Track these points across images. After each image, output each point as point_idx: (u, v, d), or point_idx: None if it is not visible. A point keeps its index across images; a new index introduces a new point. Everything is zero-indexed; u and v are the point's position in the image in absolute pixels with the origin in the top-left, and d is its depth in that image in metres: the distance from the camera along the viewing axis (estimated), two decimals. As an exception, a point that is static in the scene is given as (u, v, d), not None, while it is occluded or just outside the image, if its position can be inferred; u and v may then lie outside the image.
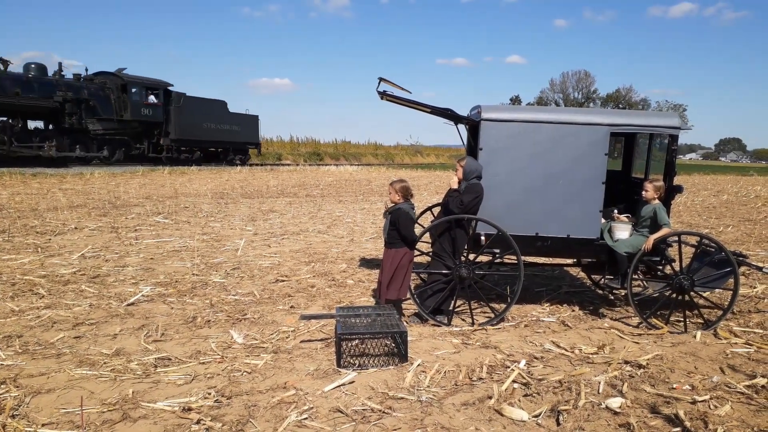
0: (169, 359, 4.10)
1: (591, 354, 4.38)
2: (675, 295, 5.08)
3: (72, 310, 5.22)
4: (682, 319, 5.07)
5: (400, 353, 4.14)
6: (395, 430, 3.14)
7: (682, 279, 4.99)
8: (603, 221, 5.33)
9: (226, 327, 4.86)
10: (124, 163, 29.00)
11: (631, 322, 5.31)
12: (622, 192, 6.17)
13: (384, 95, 5.30)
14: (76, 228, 9.82)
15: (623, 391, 3.66)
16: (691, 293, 5.07)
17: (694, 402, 3.52)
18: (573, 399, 3.51)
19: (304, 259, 7.78)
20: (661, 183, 5.21)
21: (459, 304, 5.33)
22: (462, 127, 5.67)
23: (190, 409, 3.30)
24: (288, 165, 41.07)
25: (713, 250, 5.38)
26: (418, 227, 5.04)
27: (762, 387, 3.78)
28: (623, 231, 5.28)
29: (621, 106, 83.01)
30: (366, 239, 9.71)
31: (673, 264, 5.20)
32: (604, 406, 3.44)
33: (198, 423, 3.15)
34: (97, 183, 19.21)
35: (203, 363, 4.05)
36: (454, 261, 5.04)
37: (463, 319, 5.25)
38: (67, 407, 3.31)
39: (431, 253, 5.34)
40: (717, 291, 5.82)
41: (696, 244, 5.30)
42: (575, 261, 6.03)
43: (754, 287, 6.57)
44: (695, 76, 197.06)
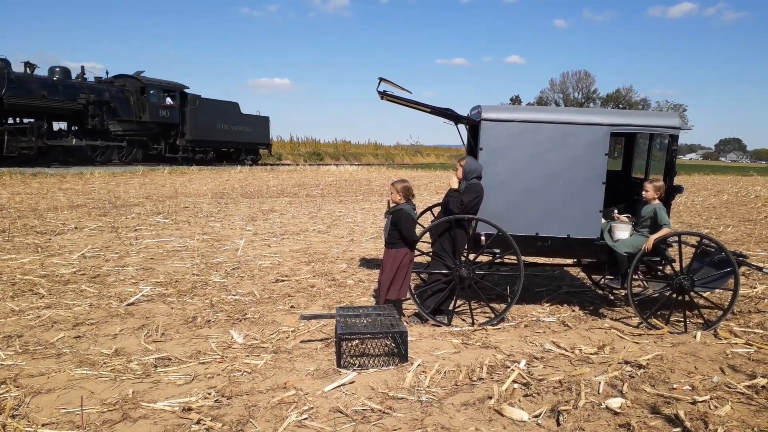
0: (169, 359, 4.10)
1: (591, 354, 4.38)
2: (675, 296, 5.08)
3: (72, 310, 5.22)
4: (682, 320, 5.07)
5: (400, 353, 4.14)
6: (395, 430, 3.14)
7: (682, 279, 4.99)
8: (603, 221, 5.33)
9: (226, 327, 4.86)
10: (142, 163, 29.66)
11: (632, 322, 5.31)
12: (622, 192, 6.17)
13: (384, 95, 5.30)
14: (76, 228, 9.82)
15: (623, 392, 3.66)
16: (692, 293, 5.07)
17: (694, 402, 3.52)
18: (573, 399, 3.51)
19: (304, 259, 7.79)
20: (661, 183, 5.21)
21: (459, 304, 5.33)
22: (462, 127, 5.67)
23: (190, 409, 3.30)
24: (288, 165, 41.06)
25: (713, 250, 5.38)
26: (418, 227, 5.04)
27: (762, 387, 3.77)
28: (623, 231, 5.29)
29: (621, 106, 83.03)
30: (366, 239, 9.71)
31: (674, 264, 5.20)
32: (604, 406, 3.44)
33: (198, 423, 3.15)
34: (97, 183, 19.21)
35: (203, 363, 4.05)
36: (454, 261, 5.04)
37: (463, 319, 5.25)
38: (67, 407, 3.31)
39: (431, 253, 5.34)
40: (717, 291, 5.82)
41: (696, 244, 5.30)
42: (575, 261, 6.03)
43: (754, 287, 6.57)
44: (695, 76, 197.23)
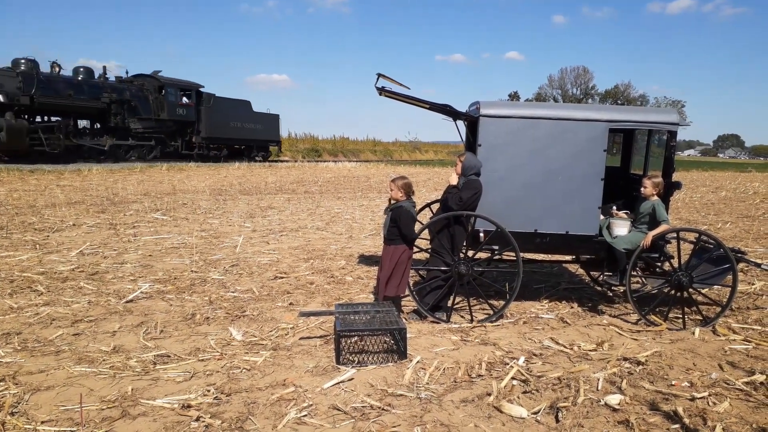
0: (168, 356, 4.10)
1: (590, 351, 4.39)
2: (674, 292, 5.09)
3: (71, 307, 5.21)
4: (680, 316, 5.08)
5: (399, 350, 4.14)
6: (394, 427, 3.14)
7: (680, 276, 5.00)
8: (602, 218, 5.33)
9: (225, 324, 4.86)
10: (161, 159, 30.45)
11: (630, 318, 5.32)
12: (620, 188, 6.17)
13: (383, 91, 5.28)
14: (74, 225, 9.80)
15: (622, 388, 3.66)
16: (690, 290, 5.08)
17: (692, 399, 3.53)
18: (572, 396, 3.52)
19: (302, 256, 7.78)
20: (660, 179, 5.21)
21: (458, 300, 5.34)
22: (461, 124, 5.66)
23: (189, 406, 3.30)
24: (286, 161, 41.01)
25: (712, 246, 5.38)
26: (417, 224, 5.04)
27: (761, 384, 3.79)
28: (622, 227, 5.29)
29: (619, 102, 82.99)
30: (365, 236, 9.71)
31: (672, 261, 5.20)
32: (603, 402, 3.45)
33: (197, 420, 3.15)
34: (95, 180, 19.17)
35: (202, 360, 4.05)
36: (452, 258, 5.04)
37: (462, 316, 5.26)
38: (67, 404, 3.31)
39: (430, 250, 5.34)
40: (715, 288, 5.83)
41: (694, 240, 5.30)
42: (574, 258, 6.04)
43: (752, 284, 6.59)
44: (694, 72, 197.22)
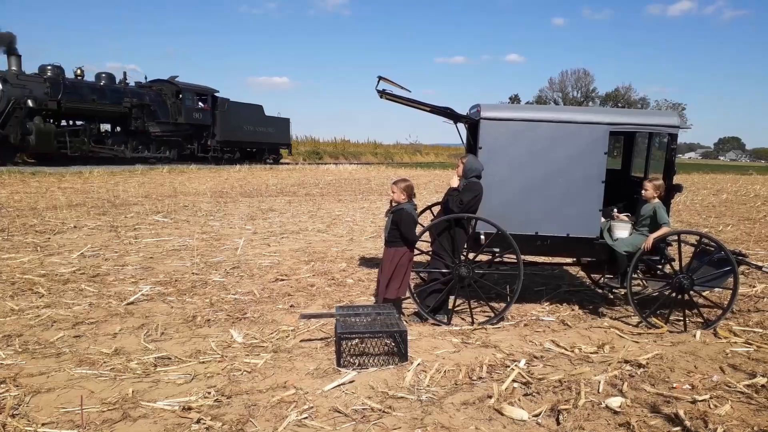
0: (169, 358, 4.10)
1: (591, 353, 4.38)
2: (675, 295, 5.08)
3: (72, 309, 5.21)
4: (681, 319, 5.07)
5: (400, 352, 4.14)
6: (395, 429, 3.14)
7: (681, 278, 4.99)
8: (603, 220, 5.33)
9: (225, 326, 4.86)
10: (178, 162, 31.58)
11: (631, 321, 5.31)
12: (621, 191, 6.17)
13: (383, 94, 5.29)
14: (75, 227, 9.81)
15: (623, 391, 3.66)
16: (691, 292, 5.07)
17: (694, 401, 3.52)
18: (573, 398, 3.52)
19: (303, 258, 7.78)
20: (661, 182, 5.21)
21: (459, 303, 5.33)
22: (461, 126, 5.66)
23: (190, 409, 3.30)
24: (287, 164, 41.06)
25: (713, 249, 5.38)
26: (418, 226, 5.04)
27: (762, 386, 3.78)
28: (623, 230, 5.29)
29: (620, 104, 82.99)
30: (365, 238, 9.71)
31: (673, 263, 5.20)
32: (604, 405, 3.44)
33: (198, 422, 3.15)
34: (96, 182, 19.19)
35: (203, 362, 4.05)
36: (453, 260, 5.04)
37: (463, 319, 5.25)
38: (67, 406, 3.31)
39: (431, 253, 5.34)
40: (717, 290, 5.82)
41: (695, 243, 5.30)
42: (575, 260, 6.03)
43: (753, 286, 6.58)
44: (694, 74, 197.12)
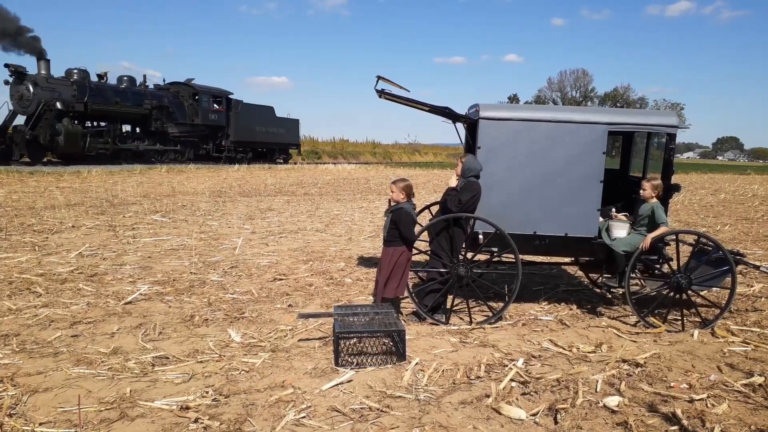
0: (167, 358, 4.10)
1: (589, 353, 4.39)
2: (672, 294, 5.09)
3: (69, 308, 5.21)
4: (679, 318, 5.08)
5: (398, 352, 4.14)
6: (393, 428, 3.14)
7: (679, 278, 5.00)
8: (601, 220, 5.34)
9: (223, 326, 4.85)
10: (194, 161, 32.61)
11: (629, 320, 5.32)
12: (620, 191, 6.17)
13: (382, 94, 5.29)
14: (73, 226, 9.80)
15: (621, 390, 3.66)
16: (689, 292, 5.08)
17: (691, 400, 3.53)
18: (571, 398, 3.52)
19: (302, 258, 7.78)
20: (659, 182, 5.22)
21: (457, 302, 5.34)
22: (460, 126, 5.66)
23: (187, 408, 3.30)
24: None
25: (711, 248, 5.39)
26: (416, 226, 5.04)
27: (759, 385, 3.78)
28: (621, 230, 5.29)
29: (619, 104, 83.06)
30: (364, 238, 9.71)
31: (671, 263, 5.21)
32: (601, 404, 3.45)
33: (196, 422, 3.14)
34: (95, 181, 19.16)
35: (201, 362, 4.04)
36: (452, 260, 5.04)
37: (461, 318, 5.26)
38: (65, 406, 3.30)
39: (429, 252, 5.34)
40: (714, 290, 5.83)
41: (693, 242, 5.31)
42: (573, 260, 6.04)
43: (751, 286, 6.59)
44: (693, 74, 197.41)
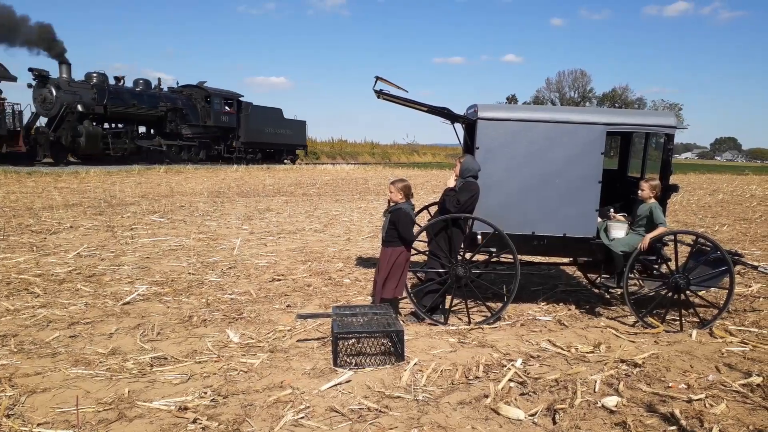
0: (165, 358, 4.09)
1: (587, 353, 4.39)
2: (671, 294, 5.10)
3: (67, 309, 5.20)
4: (677, 318, 5.09)
5: (396, 352, 4.14)
6: (392, 429, 3.14)
7: (678, 278, 5.01)
8: (599, 220, 5.34)
9: (222, 326, 4.85)
10: (206, 162, 33.93)
11: (627, 321, 5.32)
12: (618, 191, 6.18)
13: (381, 94, 5.29)
14: (71, 227, 9.78)
15: (619, 390, 3.66)
16: (687, 292, 5.09)
17: (689, 401, 3.53)
18: (569, 398, 3.52)
19: (300, 258, 7.78)
20: (657, 182, 5.22)
21: (455, 303, 5.34)
22: (459, 126, 5.66)
23: (186, 409, 3.29)
24: (284, 164, 41.09)
25: (709, 249, 5.39)
26: (415, 226, 5.04)
27: (757, 386, 3.79)
28: (619, 230, 5.30)
29: (617, 105, 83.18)
30: (363, 238, 9.70)
31: (669, 263, 5.21)
32: (600, 404, 3.45)
33: (194, 422, 3.14)
34: (93, 182, 19.14)
35: (199, 362, 4.04)
36: (450, 260, 5.04)
37: (460, 318, 5.26)
38: (63, 407, 3.30)
39: (428, 253, 5.34)
40: (713, 290, 5.84)
41: (692, 243, 5.31)
42: (572, 260, 6.04)
43: (749, 286, 6.60)
44: (691, 75, 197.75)
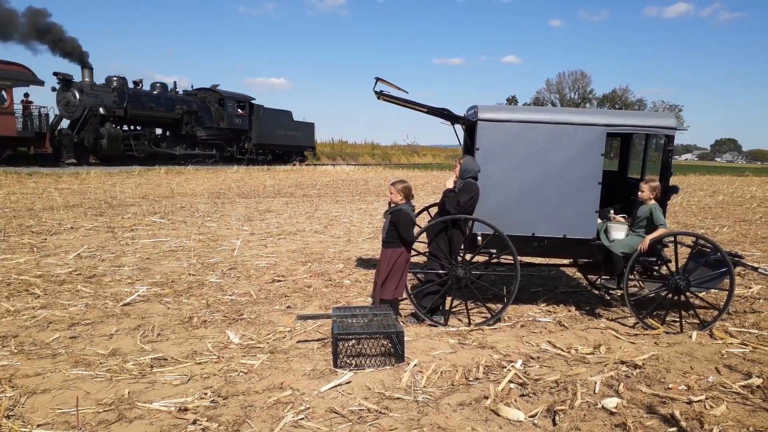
0: (166, 359, 4.09)
1: (587, 354, 4.39)
2: (671, 296, 5.10)
3: (68, 310, 5.20)
4: (678, 320, 5.09)
5: (396, 353, 4.14)
6: (392, 430, 3.14)
7: (678, 279, 5.01)
8: (599, 221, 5.34)
9: (222, 327, 4.85)
10: (221, 163, 34.70)
11: (627, 322, 5.32)
12: (618, 192, 6.18)
13: (381, 95, 5.29)
14: (72, 228, 9.79)
15: (619, 392, 3.66)
16: (687, 293, 5.09)
17: (689, 402, 3.53)
18: (569, 399, 3.52)
19: (300, 259, 7.78)
20: (657, 183, 5.23)
21: (456, 304, 5.34)
22: (459, 128, 5.67)
23: (186, 410, 3.30)
24: (284, 165, 41.12)
25: (709, 250, 5.39)
26: (415, 227, 5.05)
27: (757, 387, 3.79)
28: (619, 231, 5.30)
29: (617, 106, 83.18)
30: (363, 239, 9.70)
31: (669, 264, 5.21)
32: (600, 406, 3.45)
33: (194, 423, 3.14)
34: (93, 183, 19.15)
35: (199, 363, 4.04)
36: (450, 261, 5.04)
37: (460, 320, 5.26)
38: (63, 407, 3.30)
39: (428, 254, 5.34)
40: (713, 291, 5.84)
41: (692, 244, 5.31)
42: (572, 261, 6.04)
43: (749, 287, 6.60)
44: (691, 76, 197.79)
